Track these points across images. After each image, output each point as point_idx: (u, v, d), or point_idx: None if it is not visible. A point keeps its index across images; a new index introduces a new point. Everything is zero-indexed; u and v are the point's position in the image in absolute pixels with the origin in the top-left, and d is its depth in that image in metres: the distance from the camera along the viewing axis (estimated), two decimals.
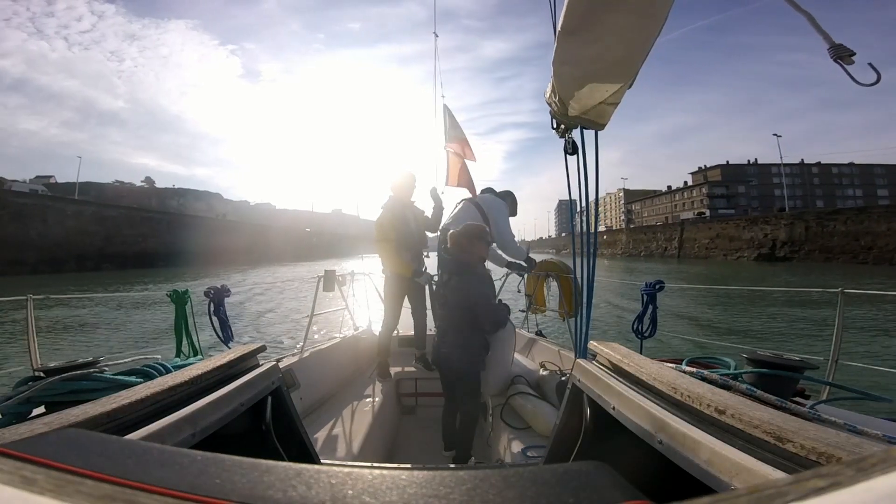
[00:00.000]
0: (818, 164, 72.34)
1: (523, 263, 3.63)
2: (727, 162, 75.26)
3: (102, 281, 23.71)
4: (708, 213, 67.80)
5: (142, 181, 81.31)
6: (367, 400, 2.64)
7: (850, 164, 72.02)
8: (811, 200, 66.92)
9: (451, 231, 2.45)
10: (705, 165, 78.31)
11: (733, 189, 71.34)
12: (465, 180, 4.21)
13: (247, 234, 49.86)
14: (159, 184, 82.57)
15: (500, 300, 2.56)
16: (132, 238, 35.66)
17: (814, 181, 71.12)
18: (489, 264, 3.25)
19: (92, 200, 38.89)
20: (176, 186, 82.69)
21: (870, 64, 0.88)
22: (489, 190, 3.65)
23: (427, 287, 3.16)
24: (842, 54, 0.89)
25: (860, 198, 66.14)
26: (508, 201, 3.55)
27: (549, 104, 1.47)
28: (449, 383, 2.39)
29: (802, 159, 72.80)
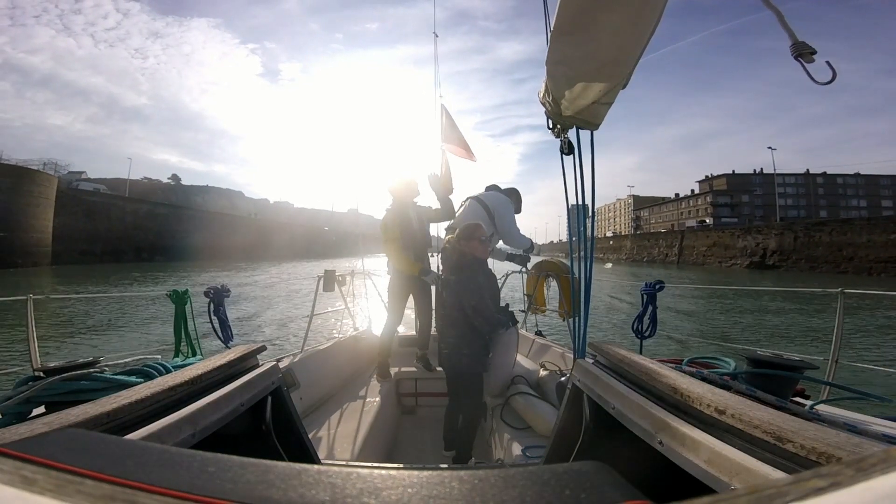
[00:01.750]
0: (823, 174, 72.43)
1: (523, 254, 3.63)
2: (733, 171, 75.69)
3: (161, 269, 27.03)
4: (711, 221, 68.19)
5: (168, 178, 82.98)
6: (367, 400, 2.64)
7: (856, 175, 72.06)
8: (815, 210, 66.96)
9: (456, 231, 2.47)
10: (712, 174, 78.74)
11: (737, 198, 71.87)
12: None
13: (273, 231, 53.99)
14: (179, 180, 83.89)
15: (506, 304, 2.56)
16: (179, 233, 40.20)
17: (818, 191, 71.22)
18: (494, 263, 3.24)
19: (145, 199, 44.87)
20: (203, 185, 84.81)
21: (827, 62, 0.89)
22: (494, 187, 3.62)
23: (434, 287, 3.15)
24: (802, 51, 0.89)
25: (864, 208, 65.96)
26: (513, 198, 3.55)
27: (543, 104, 1.47)
28: (452, 383, 2.39)
29: (808, 169, 73.02)
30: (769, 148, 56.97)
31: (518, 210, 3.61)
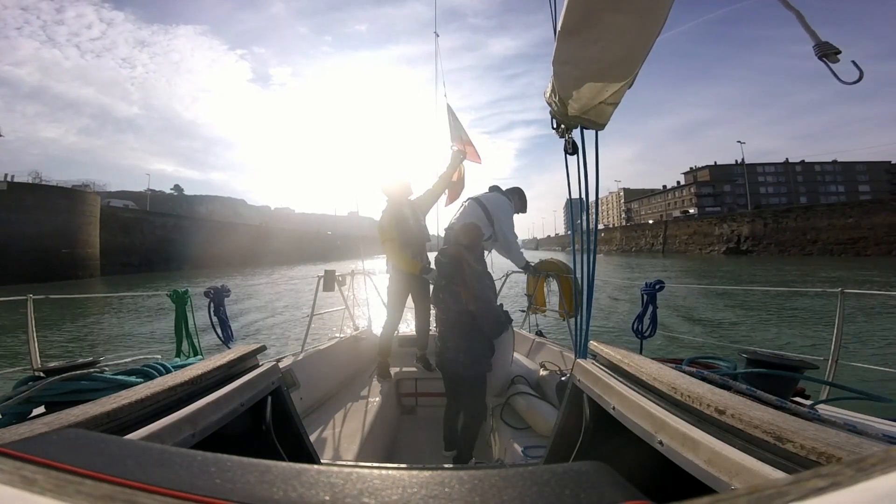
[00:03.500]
0: (802, 162, 74.70)
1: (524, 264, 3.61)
2: (715, 162, 78.33)
3: (193, 276, 29.90)
4: (696, 210, 70.83)
5: (171, 189, 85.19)
6: (368, 400, 2.64)
7: (833, 162, 74.14)
8: (795, 197, 68.83)
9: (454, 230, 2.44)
10: (696, 166, 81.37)
11: (719, 188, 74.71)
12: (457, 192, 4.09)
13: (279, 237, 57.40)
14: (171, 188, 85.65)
15: (500, 304, 2.55)
16: (202, 243, 43.17)
17: (797, 179, 73.45)
18: (492, 262, 3.23)
19: (172, 213, 49.07)
20: (207, 195, 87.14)
21: (853, 62, 0.88)
22: (495, 188, 3.54)
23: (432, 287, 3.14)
24: (827, 52, 0.89)
25: (843, 194, 68.11)
26: (515, 199, 3.47)
27: (549, 104, 1.47)
28: (452, 385, 2.38)
29: (787, 158, 75.50)
30: (738, 142, 60.53)
31: (523, 210, 3.56)
